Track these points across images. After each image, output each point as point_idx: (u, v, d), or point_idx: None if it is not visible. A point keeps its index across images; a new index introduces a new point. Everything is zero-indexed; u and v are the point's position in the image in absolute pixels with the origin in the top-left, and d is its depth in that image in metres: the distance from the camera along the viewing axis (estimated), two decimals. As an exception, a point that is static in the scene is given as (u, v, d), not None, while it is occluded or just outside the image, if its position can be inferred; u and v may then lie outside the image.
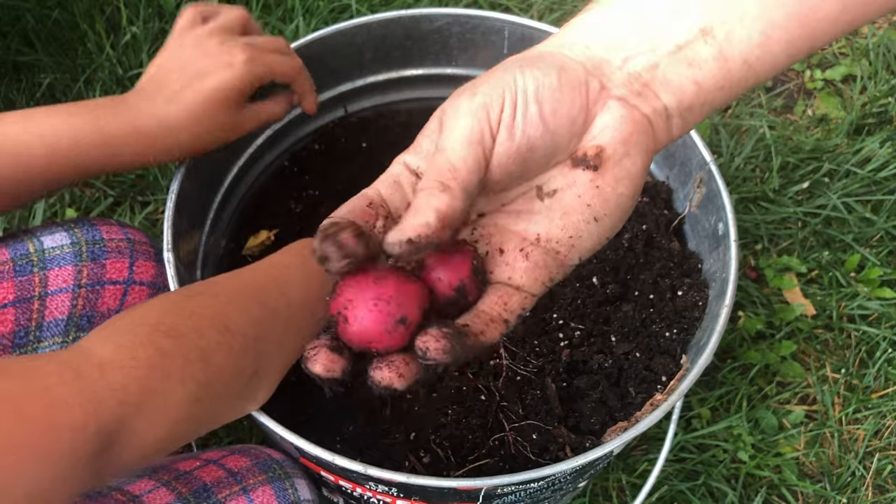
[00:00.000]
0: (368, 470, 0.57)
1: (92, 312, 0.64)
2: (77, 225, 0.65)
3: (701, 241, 0.79)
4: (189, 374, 0.46)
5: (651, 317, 0.76)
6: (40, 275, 0.61)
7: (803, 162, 1.31)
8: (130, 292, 0.66)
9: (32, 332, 0.61)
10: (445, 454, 0.69)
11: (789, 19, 0.40)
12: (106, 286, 0.64)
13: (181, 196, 0.69)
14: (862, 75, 1.46)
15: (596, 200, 0.42)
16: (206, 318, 0.49)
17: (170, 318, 0.48)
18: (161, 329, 0.47)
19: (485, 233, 0.44)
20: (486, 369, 0.72)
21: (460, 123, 0.40)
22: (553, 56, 0.42)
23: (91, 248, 0.64)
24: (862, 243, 1.25)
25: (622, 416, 0.71)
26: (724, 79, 0.41)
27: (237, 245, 0.82)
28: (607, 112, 0.41)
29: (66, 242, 0.63)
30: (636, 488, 1.03)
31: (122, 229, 0.68)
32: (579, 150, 0.42)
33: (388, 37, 0.83)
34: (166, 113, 0.61)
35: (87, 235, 0.64)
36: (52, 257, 0.62)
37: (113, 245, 0.66)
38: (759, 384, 1.14)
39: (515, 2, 1.47)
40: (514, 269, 0.42)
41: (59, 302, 0.62)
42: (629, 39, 0.41)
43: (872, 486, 1.07)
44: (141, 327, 0.47)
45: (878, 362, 1.14)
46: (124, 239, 0.67)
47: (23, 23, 1.33)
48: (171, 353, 0.46)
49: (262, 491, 0.64)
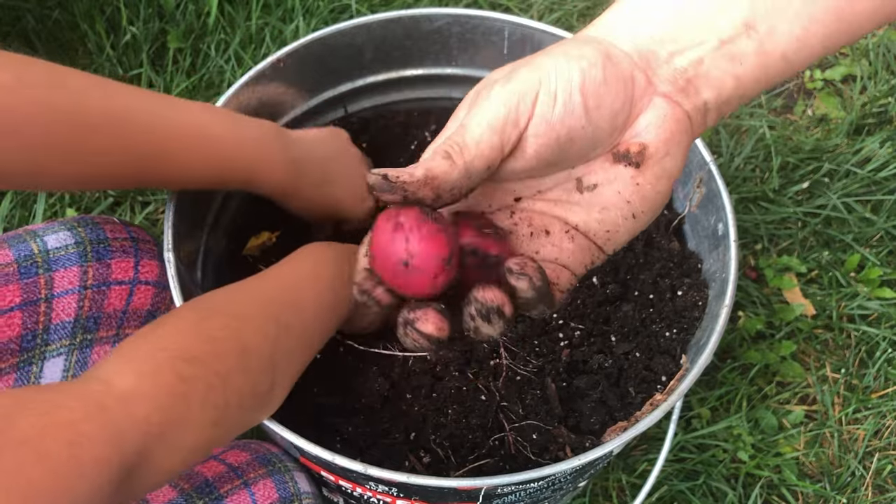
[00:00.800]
0: (368, 470, 0.57)
1: (98, 314, 0.63)
2: (80, 224, 0.64)
3: (701, 241, 0.79)
4: (209, 399, 0.45)
5: (651, 317, 0.76)
6: (46, 276, 0.60)
7: (803, 162, 1.31)
8: (136, 292, 0.65)
9: (40, 336, 0.60)
10: (445, 454, 0.69)
11: (828, 13, 0.40)
12: (112, 287, 0.63)
13: (181, 196, 0.69)
14: (862, 75, 1.46)
15: (635, 197, 0.43)
16: (224, 342, 0.48)
17: (189, 342, 0.47)
18: (181, 356, 0.45)
19: (524, 216, 0.45)
20: (486, 369, 0.72)
21: (488, 108, 0.40)
22: (600, 44, 0.41)
23: (96, 247, 0.63)
24: (862, 243, 1.25)
25: (622, 416, 0.71)
26: (762, 73, 0.41)
27: (237, 245, 0.82)
28: (652, 109, 0.41)
29: (71, 242, 0.62)
30: (636, 488, 1.03)
31: (126, 228, 0.68)
32: (622, 144, 0.42)
33: (388, 37, 0.83)
34: (313, 196, 0.70)
35: (91, 235, 0.63)
36: (57, 258, 0.61)
37: (117, 244, 0.65)
38: (759, 384, 1.14)
39: (515, 2, 1.47)
40: (561, 251, 0.44)
41: (65, 304, 0.61)
42: (676, 32, 0.41)
43: (872, 486, 1.07)
44: (161, 353, 0.45)
45: (878, 362, 1.14)
46: (128, 238, 0.66)
47: (23, 23, 1.33)
48: (192, 380, 0.44)
49: (263, 484, 0.64)
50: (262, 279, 0.55)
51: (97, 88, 0.54)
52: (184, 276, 0.67)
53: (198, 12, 1.39)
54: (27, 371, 0.59)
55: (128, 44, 1.33)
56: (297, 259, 0.59)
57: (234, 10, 1.40)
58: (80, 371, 0.62)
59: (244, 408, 0.49)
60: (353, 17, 1.32)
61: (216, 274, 0.79)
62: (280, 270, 0.57)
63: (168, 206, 0.68)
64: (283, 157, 0.65)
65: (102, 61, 1.31)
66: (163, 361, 0.44)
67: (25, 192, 1.20)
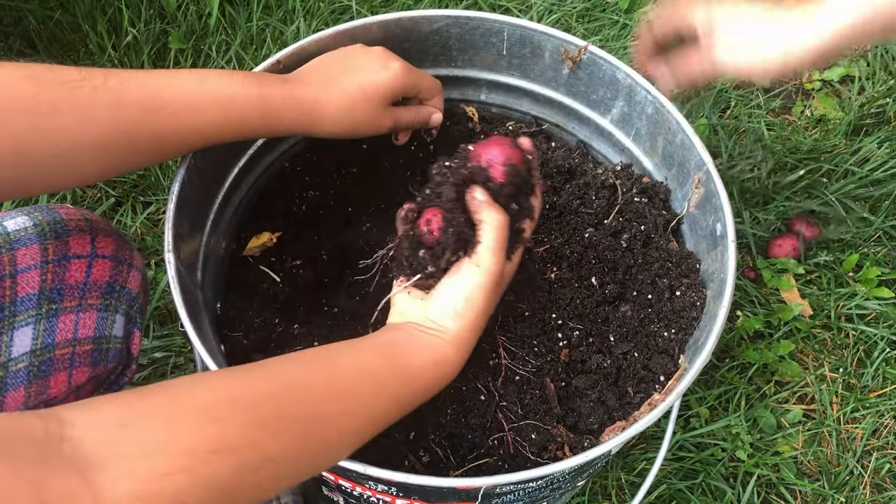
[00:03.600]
0: (368, 469, 0.58)
1: (61, 285, 0.66)
2: (36, 210, 0.68)
3: (699, 242, 0.80)
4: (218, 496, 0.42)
5: (649, 317, 0.77)
6: (9, 255, 0.63)
7: (801, 162, 1.31)
8: (94, 265, 0.69)
9: (7, 308, 0.63)
10: (445, 454, 0.69)
11: None
12: (71, 260, 0.67)
13: (182, 197, 0.70)
14: (860, 76, 1.47)
15: None
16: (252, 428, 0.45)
17: (209, 429, 0.43)
18: (198, 448, 0.42)
19: None
20: (486, 369, 0.72)
21: None
22: None
23: (53, 227, 0.67)
24: (860, 243, 1.26)
25: (620, 416, 0.71)
26: None
27: (238, 246, 0.83)
28: None
29: (29, 225, 0.66)
30: (635, 487, 1.04)
31: (80, 211, 0.71)
32: None
33: (388, 38, 0.84)
34: (324, 92, 0.69)
35: (47, 217, 0.67)
36: (18, 238, 0.65)
37: (73, 224, 0.69)
38: (758, 383, 1.14)
39: (515, 3, 1.47)
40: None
41: (29, 278, 0.64)
42: None
43: (870, 485, 1.08)
44: (176, 444, 0.41)
45: (876, 362, 1.15)
46: (82, 219, 0.70)
47: (25, 24, 1.34)
48: (213, 478, 0.42)
49: None
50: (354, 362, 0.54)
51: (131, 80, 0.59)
52: (184, 277, 0.67)
53: (199, 13, 1.39)
54: None
55: (129, 45, 1.34)
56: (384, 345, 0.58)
57: (236, 11, 1.40)
58: (49, 338, 0.65)
59: (278, 480, 0.47)
60: (353, 19, 1.32)
61: (216, 275, 0.80)
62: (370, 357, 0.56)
63: (168, 207, 0.68)
64: (265, 90, 0.66)
65: (104, 62, 1.31)
66: (177, 456, 0.41)
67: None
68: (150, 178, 1.24)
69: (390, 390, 0.54)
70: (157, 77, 0.61)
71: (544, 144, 0.92)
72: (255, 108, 0.65)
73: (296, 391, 0.49)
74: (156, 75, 0.61)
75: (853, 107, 1.39)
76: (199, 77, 0.63)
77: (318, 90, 0.69)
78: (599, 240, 0.80)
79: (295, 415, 0.47)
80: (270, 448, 0.45)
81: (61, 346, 0.66)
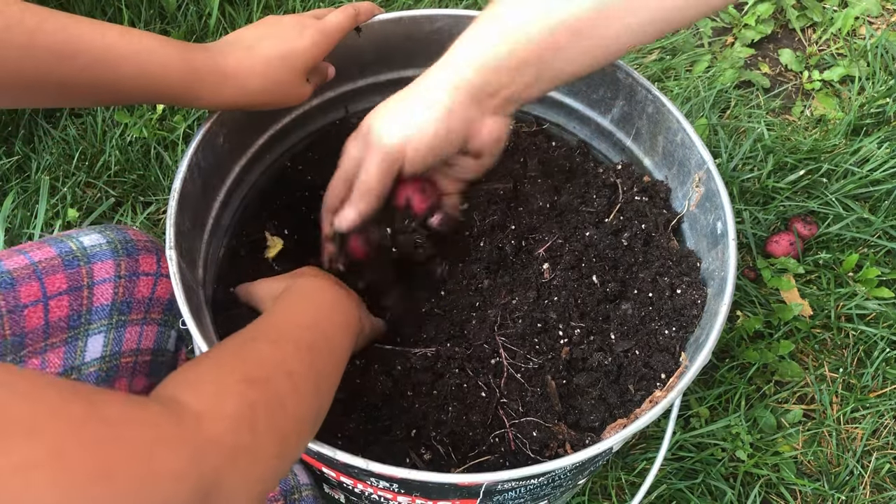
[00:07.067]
0: (370, 466, 0.58)
1: (130, 299, 0.72)
2: (108, 229, 0.74)
3: (699, 240, 0.80)
4: (272, 425, 0.45)
5: (650, 315, 0.77)
6: (87, 268, 0.69)
7: (801, 162, 1.31)
8: (159, 283, 0.75)
9: (84, 316, 0.69)
10: (446, 450, 0.69)
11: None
12: (140, 277, 0.73)
13: (183, 195, 0.70)
14: (860, 76, 1.47)
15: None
16: (273, 366, 0.50)
17: (246, 367, 0.48)
18: (243, 379, 0.46)
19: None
20: (487, 367, 0.72)
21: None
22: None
23: (125, 245, 0.73)
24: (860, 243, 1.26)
25: (621, 413, 0.71)
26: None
27: (239, 244, 0.83)
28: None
29: (103, 242, 0.72)
30: (635, 487, 1.04)
31: (143, 233, 0.77)
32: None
33: (389, 37, 0.84)
34: (246, 57, 0.69)
35: (118, 236, 0.73)
36: (94, 253, 0.70)
37: (141, 244, 0.74)
38: (758, 383, 1.14)
39: (515, 3, 1.47)
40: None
41: (104, 290, 0.70)
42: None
43: (870, 485, 1.08)
44: (227, 377, 0.46)
45: (876, 362, 1.15)
46: (148, 240, 0.76)
47: (25, 24, 1.34)
48: (256, 404, 0.45)
49: None
50: (286, 310, 0.61)
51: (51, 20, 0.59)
52: (185, 274, 0.67)
53: (199, 13, 1.39)
54: (74, 346, 0.68)
55: (129, 45, 1.34)
56: (309, 287, 0.65)
57: (236, 11, 1.40)
58: (117, 347, 0.71)
59: (301, 435, 0.50)
60: (353, 18, 1.31)
61: (218, 272, 0.80)
62: (297, 299, 0.63)
63: (170, 203, 0.68)
64: (185, 55, 0.66)
65: (104, 62, 1.31)
66: (230, 384, 0.45)
67: (27, 192, 1.21)
68: (150, 178, 1.24)
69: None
70: (77, 23, 0.60)
71: (545, 144, 0.92)
72: (176, 70, 0.65)
73: (313, 330, 0.58)
74: (78, 21, 0.61)
75: (853, 107, 1.40)
76: (122, 31, 0.63)
77: (240, 56, 0.69)
78: (600, 238, 0.80)
79: (318, 348, 0.56)
80: (315, 368, 0.54)
81: (126, 354, 0.72)
